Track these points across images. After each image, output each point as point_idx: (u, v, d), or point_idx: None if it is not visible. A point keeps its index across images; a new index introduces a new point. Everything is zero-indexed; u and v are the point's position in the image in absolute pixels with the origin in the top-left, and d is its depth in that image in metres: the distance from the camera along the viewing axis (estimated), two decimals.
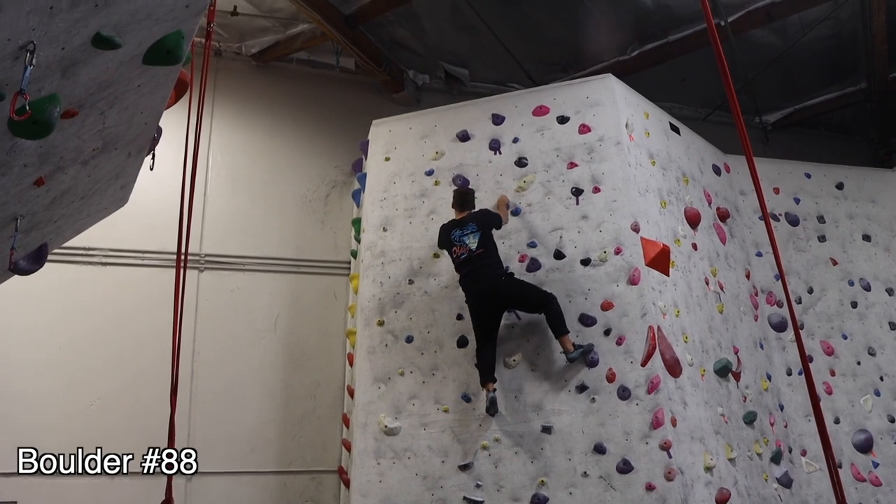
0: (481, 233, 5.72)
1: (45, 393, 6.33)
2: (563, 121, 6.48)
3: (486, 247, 5.68)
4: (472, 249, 5.66)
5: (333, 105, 8.23)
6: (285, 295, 7.44)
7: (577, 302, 5.84)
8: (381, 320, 6.24)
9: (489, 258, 5.66)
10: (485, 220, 5.82)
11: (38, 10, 2.19)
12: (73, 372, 6.48)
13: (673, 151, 6.97)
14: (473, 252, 5.66)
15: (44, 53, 2.35)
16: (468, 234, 5.73)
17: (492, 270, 5.62)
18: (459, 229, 5.80)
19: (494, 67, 8.55)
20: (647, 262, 5.74)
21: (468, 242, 5.69)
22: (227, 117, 7.74)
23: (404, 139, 6.86)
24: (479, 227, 5.76)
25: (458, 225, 5.84)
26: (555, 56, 8.41)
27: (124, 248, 6.90)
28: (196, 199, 4.24)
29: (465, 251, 5.69)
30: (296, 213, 7.75)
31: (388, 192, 6.69)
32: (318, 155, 8.01)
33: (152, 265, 6.90)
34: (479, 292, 5.64)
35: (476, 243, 5.67)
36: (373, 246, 6.55)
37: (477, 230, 5.73)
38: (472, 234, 5.72)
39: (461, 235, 5.75)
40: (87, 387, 6.46)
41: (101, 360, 6.59)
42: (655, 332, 5.59)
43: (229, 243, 7.34)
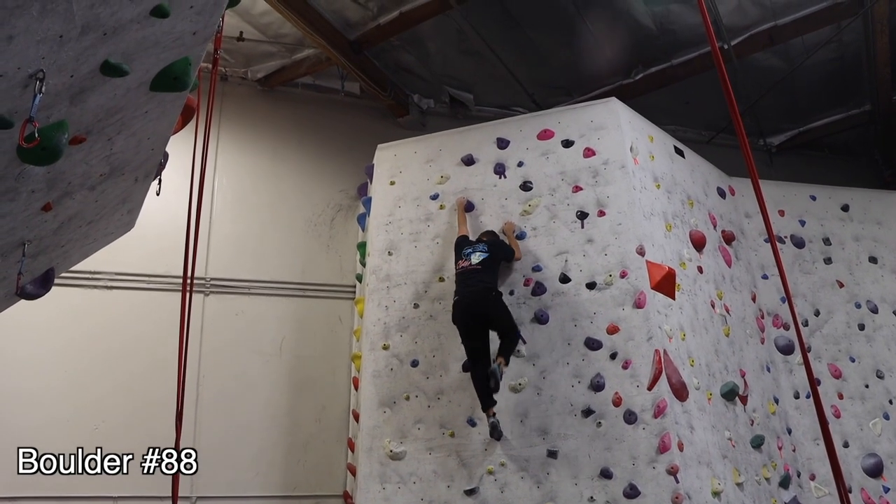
0: (490, 255, 5.76)
1: (48, 413, 6.31)
2: (568, 144, 6.49)
3: (487, 267, 5.70)
4: (472, 263, 5.70)
5: (338, 129, 8.27)
6: (290, 319, 7.43)
7: (583, 325, 5.82)
8: (386, 344, 6.22)
9: (484, 275, 5.66)
10: (498, 247, 5.90)
11: (49, 39, 2.22)
12: (77, 393, 6.46)
13: (678, 174, 6.97)
14: (471, 266, 5.70)
15: (53, 81, 2.38)
16: (476, 252, 5.78)
17: (483, 284, 5.61)
18: (471, 247, 5.86)
19: (499, 92, 8.60)
20: (653, 286, 5.72)
21: (472, 259, 5.74)
22: (232, 141, 7.79)
23: (409, 163, 6.88)
24: (489, 249, 5.80)
25: (473, 243, 5.93)
26: (558, 80, 8.46)
27: (130, 272, 6.91)
28: (202, 222, 4.24)
29: (465, 265, 5.75)
30: (301, 236, 7.77)
31: (394, 216, 6.69)
32: (323, 179, 8.04)
33: (158, 289, 6.90)
34: (465, 304, 5.60)
35: (479, 260, 5.71)
36: (378, 270, 6.55)
37: (487, 252, 5.77)
38: (481, 252, 5.77)
39: (470, 252, 5.81)
40: (92, 409, 6.45)
41: (106, 382, 6.59)
42: (662, 356, 5.56)
43: (235, 267, 7.36)
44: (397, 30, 7.46)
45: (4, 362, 6.38)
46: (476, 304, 5.61)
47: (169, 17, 2.53)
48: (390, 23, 7.36)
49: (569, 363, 5.75)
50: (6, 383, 6.33)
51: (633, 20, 7.56)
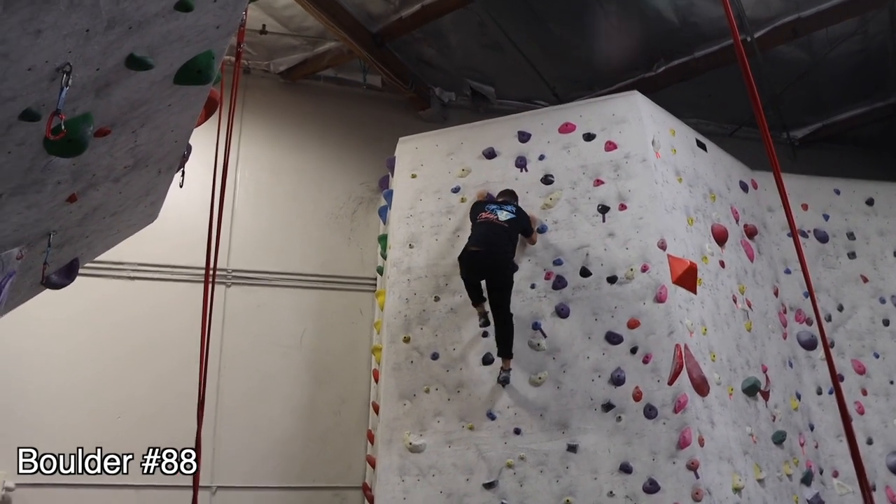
0: (516, 217, 5.80)
1: (72, 398, 6.40)
2: (590, 138, 6.47)
3: (512, 229, 5.73)
4: (499, 219, 5.73)
5: (360, 122, 8.28)
6: (311, 310, 7.47)
7: (604, 319, 5.81)
8: (406, 337, 6.24)
9: (508, 236, 5.68)
10: (523, 215, 5.95)
11: (75, 33, 2.24)
12: (99, 379, 6.53)
13: (700, 168, 6.93)
14: (497, 220, 5.72)
15: (79, 74, 2.40)
16: (504, 211, 5.81)
17: (503, 246, 5.63)
18: (497, 205, 5.89)
19: (520, 85, 8.57)
20: (675, 280, 5.69)
21: (499, 214, 5.77)
22: (255, 134, 7.82)
23: (430, 156, 6.89)
24: (517, 213, 5.85)
25: (498, 203, 5.96)
26: (580, 73, 8.41)
27: (153, 262, 6.97)
28: (224, 215, 4.26)
29: (491, 217, 5.75)
30: (322, 229, 7.79)
31: (415, 209, 6.71)
32: (344, 172, 8.06)
33: (181, 280, 6.95)
34: (480, 256, 5.62)
35: (506, 219, 5.74)
36: (399, 262, 6.57)
37: (514, 215, 5.82)
38: (509, 213, 5.81)
39: (496, 209, 5.83)
40: (114, 396, 6.51)
41: (130, 372, 6.64)
42: (682, 351, 5.54)
43: (256, 259, 7.39)
44: (419, 23, 7.44)
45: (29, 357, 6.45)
46: (489, 260, 5.62)
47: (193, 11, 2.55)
48: (412, 16, 7.35)
49: (589, 357, 5.74)
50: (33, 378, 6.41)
51: (654, 13, 7.50)
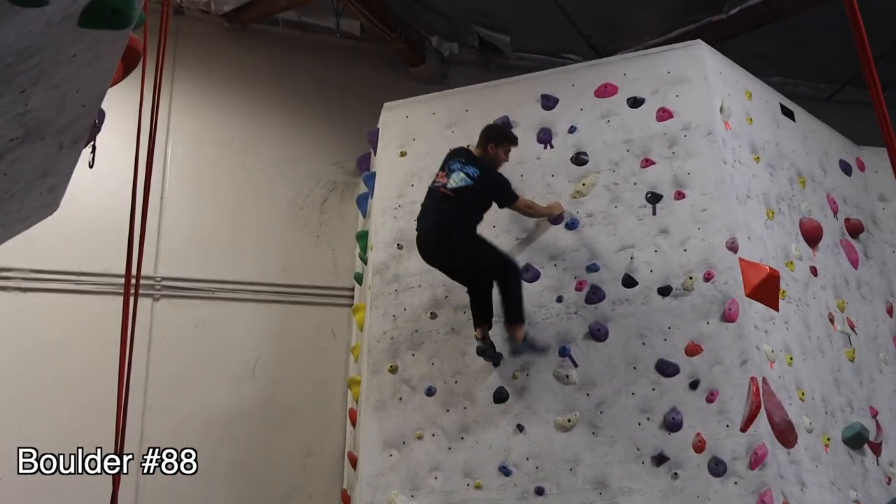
0: (475, 187, 5.73)
1: None
2: (637, 103, 6.44)
3: (463, 200, 5.70)
4: (448, 187, 5.73)
5: (332, 82, 8.29)
6: (268, 331, 7.47)
7: (654, 344, 5.78)
8: (393, 366, 6.23)
9: (453, 207, 5.69)
10: (490, 181, 5.84)
11: None
12: None
13: (785, 143, 6.89)
14: (446, 190, 5.73)
15: None
16: (463, 172, 5.76)
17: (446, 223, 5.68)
18: (462, 161, 5.85)
19: (545, 33, 8.57)
20: (749, 292, 5.65)
21: (453, 178, 5.75)
22: (191, 97, 7.83)
23: (426, 128, 6.86)
24: (480, 177, 5.76)
25: (468, 158, 5.90)
26: (625, 17, 8.42)
27: (52, 269, 6.93)
28: (151, 205, 4.26)
29: (442, 181, 5.79)
30: (282, 224, 7.80)
31: (405, 198, 6.69)
32: (312, 148, 8.06)
33: (90, 292, 6.93)
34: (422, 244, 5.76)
35: (457, 185, 5.71)
36: (384, 268, 6.56)
37: (472, 180, 5.73)
38: (465, 176, 5.74)
39: (459, 167, 5.79)
40: None
41: (14, 413, 6.50)
42: (760, 386, 5.51)
43: (194, 264, 7.39)
44: None
45: None
46: (434, 245, 5.74)
47: None
48: None
49: (634, 393, 5.72)
50: None
51: None
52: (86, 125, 3.81)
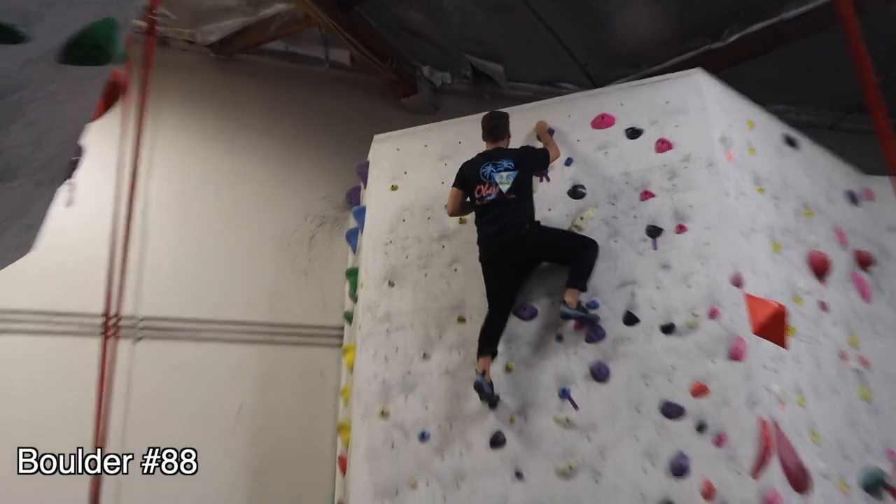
0: (519, 172, 6.01)
1: None
2: (635, 134, 6.48)
3: (520, 193, 5.99)
4: (503, 192, 5.95)
5: (321, 114, 8.31)
6: (253, 374, 7.44)
7: (658, 385, 5.75)
8: (384, 410, 6.21)
9: (519, 206, 5.97)
10: (526, 158, 6.14)
11: None
12: None
13: (789, 173, 6.92)
14: (504, 195, 5.95)
15: None
16: (502, 172, 6.01)
17: (516, 220, 5.92)
18: (492, 163, 6.07)
19: (539, 62, 8.61)
20: (756, 330, 5.63)
21: (499, 181, 5.97)
22: (175, 130, 7.84)
23: (418, 160, 6.90)
24: (517, 164, 6.05)
25: (490, 157, 6.13)
26: (621, 45, 8.45)
27: (27, 308, 6.89)
28: (132, 242, 4.24)
29: (493, 192, 5.98)
30: (269, 261, 7.79)
31: (396, 233, 6.71)
32: (300, 182, 8.07)
33: (67, 333, 6.89)
34: (498, 247, 5.97)
35: (510, 185, 5.96)
36: (374, 307, 6.55)
37: (514, 168, 6.02)
38: (508, 171, 6.01)
39: (493, 171, 6.03)
40: None
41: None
42: (771, 429, 5.48)
43: (176, 303, 7.37)
44: None
45: None
46: (513, 248, 5.95)
47: None
48: None
49: (638, 438, 5.68)
50: None
51: None
52: (64, 163, 3.78)
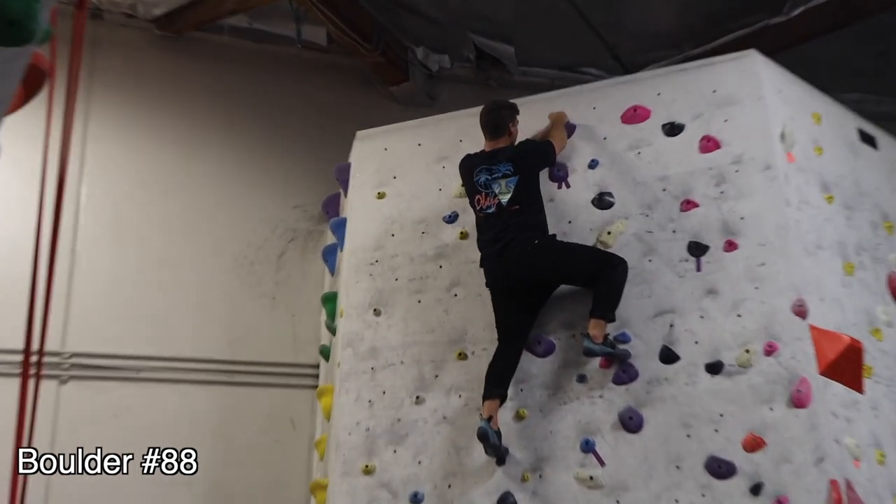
0: (520, 177, 6.07)
1: None
2: (674, 131, 6.49)
3: (525, 201, 6.07)
4: (503, 204, 6.03)
5: (292, 105, 8.35)
6: (208, 421, 7.45)
7: (702, 436, 5.73)
8: (369, 466, 6.20)
9: (526, 216, 6.04)
10: (527, 158, 6.19)
11: None
12: None
13: (865, 178, 6.94)
14: (505, 207, 6.03)
15: None
16: (499, 179, 6.09)
17: (521, 236, 5.98)
18: (488, 169, 6.15)
19: (558, 42, 8.63)
20: (824, 370, 5.65)
21: (498, 191, 6.06)
22: (113, 123, 7.87)
23: (409, 162, 6.93)
24: (516, 168, 6.10)
25: (487, 161, 6.21)
26: (658, 22, 8.48)
27: None
28: (59, 261, 4.24)
29: (491, 203, 6.07)
30: (228, 284, 7.82)
31: (383, 251, 6.72)
32: (266, 188, 8.11)
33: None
34: (506, 270, 6.04)
35: (510, 194, 6.05)
36: (357, 340, 6.55)
37: (514, 173, 6.07)
38: (507, 178, 6.07)
39: (489, 179, 6.11)
40: None
41: None
42: (844, 492, 5.47)
43: (113, 336, 7.38)
44: None
45: None
46: (522, 268, 5.99)
47: None
48: None
49: (678, 501, 5.65)
50: None
51: None
52: None
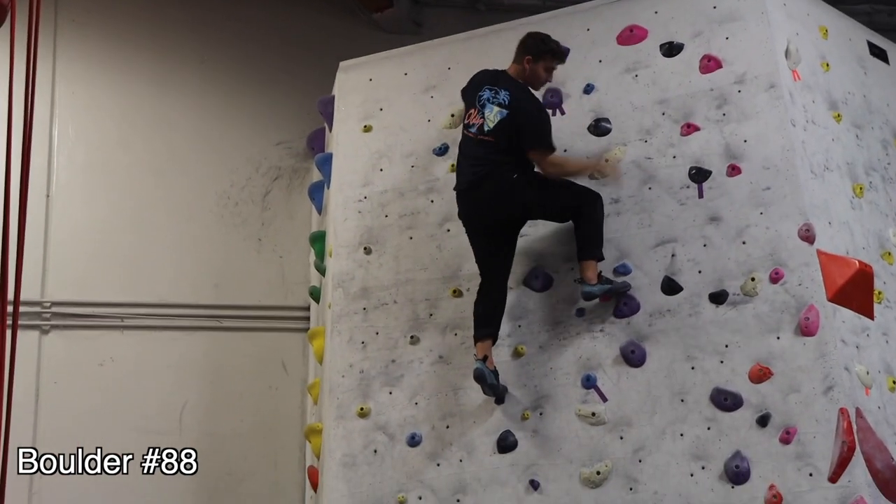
0: (508, 119, 5.94)
1: None
2: (673, 51, 6.45)
3: (505, 139, 5.93)
4: (485, 130, 5.99)
5: (272, 34, 8.31)
6: (197, 368, 7.47)
7: (707, 367, 5.74)
8: (364, 408, 6.20)
9: (504, 154, 5.93)
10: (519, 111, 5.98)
11: None
12: None
13: (875, 95, 6.90)
14: (485, 134, 5.98)
15: None
16: (495, 103, 6.01)
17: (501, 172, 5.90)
18: (492, 88, 6.10)
19: None
20: (832, 296, 5.62)
21: (487, 114, 6.00)
22: (83, 59, 7.82)
23: (396, 93, 6.89)
24: (511, 108, 5.98)
25: (495, 80, 6.15)
26: None
27: None
28: (32, 207, 4.20)
29: (477, 123, 6.04)
30: (212, 226, 7.80)
31: (372, 187, 6.71)
32: (248, 124, 8.07)
33: None
34: (473, 200, 6.01)
35: (494, 124, 5.96)
36: (347, 280, 6.54)
37: (507, 105, 5.96)
38: (500, 108, 5.98)
39: (490, 98, 6.05)
40: None
41: None
42: (853, 421, 5.46)
43: (94, 283, 7.37)
44: None
45: None
46: (497, 204, 5.91)
47: None
48: None
49: (684, 434, 5.67)
50: None
51: None
52: None
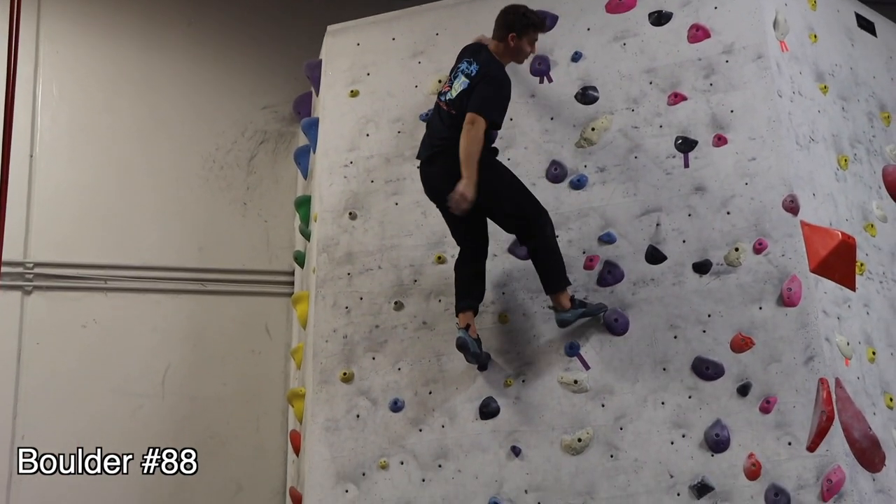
0: (470, 87, 5.82)
1: None
2: (662, 20, 6.46)
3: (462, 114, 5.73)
4: (446, 99, 5.92)
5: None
6: (180, 331, 7.49)
7: (690, 337, 5.78)
8: (347, 373, 6.23)
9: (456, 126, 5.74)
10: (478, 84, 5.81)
11: None
12: None
13: (862, 67, 6.90)
14: (446, 104, 5.91)
15: None
16: (464, 74, 5.91)
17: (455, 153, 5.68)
18: (471, 59, 5.97)
19: None
20: (815, 267, 5.67)
21: (455, 84, 5.92)
22: (68, 20, 7.78)
23: (383, 58, 6.88)
24: (473, 81, 5.83)
25: (476, 54, 5.99)
26: None
27: None
28: (16, 167, 4.25)
29: (445, 92, 5.98)
30: (196, 189, 7.79)
31: (358, 152, 6.70)
32: (234, 87, 8.05)
33: None
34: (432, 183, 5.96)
35: (457, 93, 5.86)
36: (332, 245, 6.56)
37: (472, 77, 5.85)
38: (467, 77, 5.87)
39: (464, 69, 5.93)
40: None
41: None
42: (833, 391, 5.52)
43: (77, 245, 7.37)
44: None
45: None
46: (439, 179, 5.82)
47: None
48: None
49: (665, 403, 5.72)
50: None
51: None
52: None
